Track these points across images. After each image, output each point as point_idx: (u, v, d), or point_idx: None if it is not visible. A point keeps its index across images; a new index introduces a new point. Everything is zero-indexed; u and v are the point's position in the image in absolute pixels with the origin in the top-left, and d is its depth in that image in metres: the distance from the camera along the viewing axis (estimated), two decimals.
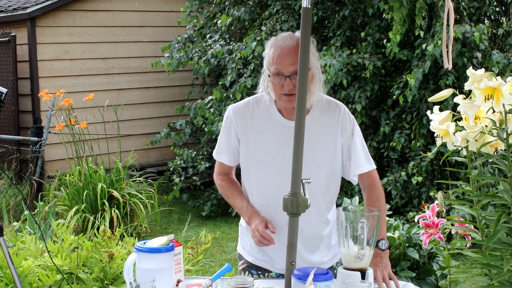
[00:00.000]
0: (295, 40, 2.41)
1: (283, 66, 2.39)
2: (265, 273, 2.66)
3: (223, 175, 2.71)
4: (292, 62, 2.37)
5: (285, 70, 2.39)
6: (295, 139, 2.16)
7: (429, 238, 3.22)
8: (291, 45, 2.40)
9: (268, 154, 2.53)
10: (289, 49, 2.40)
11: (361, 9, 7.32)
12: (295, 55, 2.31)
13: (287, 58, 2.39)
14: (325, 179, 2.57)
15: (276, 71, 2.41)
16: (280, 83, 2.41)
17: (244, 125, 2.56)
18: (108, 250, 3.54)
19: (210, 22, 8.48)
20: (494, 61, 6.30)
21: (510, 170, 2.38)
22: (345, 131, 2.55)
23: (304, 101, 2.16)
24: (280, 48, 2.41)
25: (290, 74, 2.38)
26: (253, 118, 2.56)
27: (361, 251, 2.10)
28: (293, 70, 2.36)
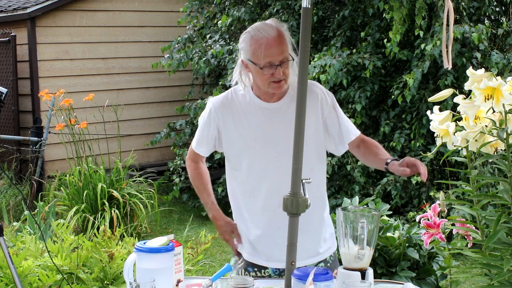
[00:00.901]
0: (275, 28, 2.49)
1: (273, 56, 2.46)
2: (261, 269, 2.67)
3: (196, 163, 2.85)
4: (280, 51, 2.47)
5: (275, 60, 2.47)
6: (295, 139, 2.16)
7: (430, 238, 3.22)
8: (274, 35, 2.47)
9: (255, 139, 2.59)
10: (274, 40, 2.47)
11: (361, 9, 7.32)
12: (280, 44, 2.47)
13: (274, 48, 2.46)
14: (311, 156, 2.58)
15: (267, 63, 2.47)
16: (270, 73, 2.49)
17: (225, 117, 2.62)
18: (108, 250, 3.54)
19: (210, 22, 8.48)
20: (494, 62, 6.30)
21: (510, 170, 2.38)
22: (326, 105, 2.62)
23: (304, 101, 2.16)
24: (265, 40, 2.46)
25: (280, 62, 2.47)
26: (233, 108, 2.62)
27: (361, 251, 2.10)
28: (282, 58, 2.47)
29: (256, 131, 2.59)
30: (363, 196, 6.23)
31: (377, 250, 4.10)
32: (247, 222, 2.69)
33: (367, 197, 5.35)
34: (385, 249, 4.16)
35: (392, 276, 4.01)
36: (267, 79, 2.50)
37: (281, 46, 2.46)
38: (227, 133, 2.63)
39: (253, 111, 2.60)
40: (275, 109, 2.59)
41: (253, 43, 2.49)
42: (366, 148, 2.68)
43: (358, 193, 6.48)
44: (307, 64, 2.15)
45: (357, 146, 2.71)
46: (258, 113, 2.59)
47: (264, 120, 2.58)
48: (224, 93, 2.72)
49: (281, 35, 2.48)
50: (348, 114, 7.01)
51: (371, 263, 2.15)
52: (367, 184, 6.74)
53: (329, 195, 6.77)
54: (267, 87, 2.54)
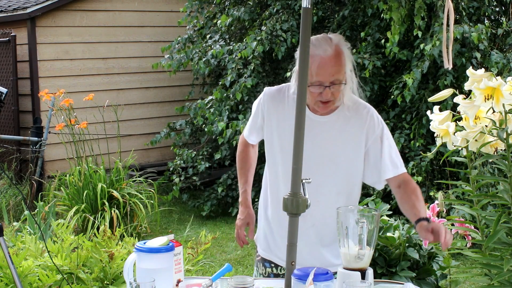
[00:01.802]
0: (334, 47, 2.39)
1: (324, 76, 2.38)
2: (278, 266, 2.69)
3: (245, 146, 2.80)
4: (333, 72, 2.37)
5: (326, 80, 2.38)
6: (295, 139, 2.16)
7: None
8: (331, 54, 2.37)
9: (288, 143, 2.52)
10: (330, 59, 2.37)
11: (361, 9, 7.32)
12: (335, 64, 2.36)
13: (327, 68, 2.37)
14: (341, 178, 2.54)
15: (316, 81, 2.39)
16: (318, 91, 2.40)
17: (272, 110, 2.57)
18: (108, 250, 3.54)
19: (210, 22, 8.48)
20: (493, 61, 6.30)
21: (510, 170, 2.38)
22: (372, 134, 2.50)
23: (304, 101, 2.15)
24: (320, 59, 2.37)
25: (330, 84, 2.38)
26: (281, 104, 2.56)
27: (361, 251, 2.10)
28: (333, 79, 2.37)
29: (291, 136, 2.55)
30: (363, 196, 6.22)
31: (377, 250, 4.10)
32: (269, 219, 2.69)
33: (367, 197, 5.35)
34: (385, 249, 4.16)
35: (392, 276, 4.01)
36: (314, 97, 2.43)
37: (335, 67, 2.36)
38: (269, 126, 2.59)
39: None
40: (319, 122, 2.50)
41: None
42: (405, 193, 2.50)
43: None
44: (307, 64, 2.15)
45: (397, 187, 2.54)
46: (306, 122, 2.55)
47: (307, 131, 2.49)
48: (279, 86, 2.64)
49: (339, 54, 2.38)
50: None
51: (371, 263, 2.15)
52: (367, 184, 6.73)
53: None
54: (313, 104, 2.47)
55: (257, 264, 2.78)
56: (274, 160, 2.61)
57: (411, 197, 2.46)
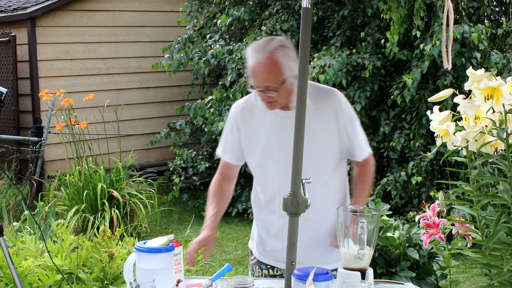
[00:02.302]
0: (267, 53, 2.44)
1: (257, 81, 2.47)
2: (274, 268, 2.70)
3: (221, 176, 2.77)
4: (264, 79, 2.45)
5: (259, 85, 2.47)
6: (295, 140, 2.16)
7: (430, 238, 3.22)
8: (262, 62, 2.45)
9: (270, 146, 2.59)
10: (260, 66, 2.45)
11: (361, 9, 7.32)
12: (265, 73, 2.43)
13: (259, 75, 2.46)
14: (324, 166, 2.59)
15: (252, 84, 2.50)
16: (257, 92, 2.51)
17: (245, 121, 2.63)
18: (108, 250, 3.54)
19: (210, 22, 8.48)
20: (493, 62, 6.30)
21: (510, 170, 2.38)
22: (341, 116, 2.58)
23: (304, 101, 2.16)
24: (254, 63, 2.46)
25: (264, 89, 2.46)
26: (252, 113, 2.62)
27: (361, 251, 2.10)
28: (266, 85, 2.45)
29: (271, 138, 2.58)
30: None
31: (377, 250, 4.10)
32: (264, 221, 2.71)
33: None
34: (385, 249, 4.17)
35: (392, 276, 4.01)
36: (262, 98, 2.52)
37: (265, 74, 2.44)
38: (248, 136, 2.64)
39: (268, 118, 2.59)
40: (290, 117, 2.50)
41: (248, 59, 2.51)
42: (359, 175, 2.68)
43: None
44: (307, 64, 2.15)
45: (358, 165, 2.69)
46: (273, 120, 2.58)
47: (278, 127, 2.56)
48: (246, 96, 2.71)
49: (272, 62, 2.44)
50: None
51: (371, 263, 2.15)
52: None
53: None
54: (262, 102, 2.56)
55: (252, 267, 2.78)
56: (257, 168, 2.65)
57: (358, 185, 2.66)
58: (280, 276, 2.66)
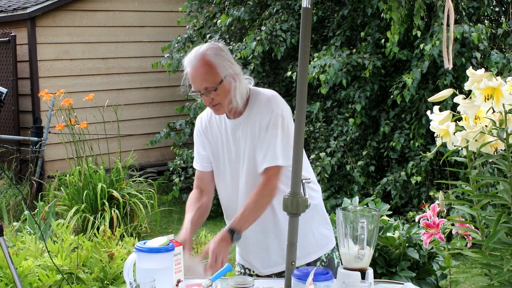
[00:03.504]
0: (199, 59, 2.57)
1: (196, 86, 2.58)
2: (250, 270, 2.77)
3: (196, 189, 2.81)
4: (201, 81, 2.56)
5: (198, 88, 2.57)
6: (295, 140, 2.16)
7: (430, 238, 3.22)
8: (196, 66, 2.57)
9: (222, 153, 2.69)
10: (195, 70, 2.57)
11: (361, 9, 7.32)
12: (202, 74, 2.55)
13: (196, 78, 2.57)
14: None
15: (193, 90, 2.60)
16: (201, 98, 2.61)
17: (206, 132, 2.74)
18: (108, 250, 3.54)
19: (209, 22, 8.48)
20: (493, 61, 6.30)
21: (510, 170, 2.38)
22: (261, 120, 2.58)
23: (304, 101, 2.16)
24: (190, 70, 2.59)
25: (203, 91, 2.56)
26: (211, 124, 2.73)
27: (361, 251, 2.10)
28: (204, 87, 2.56)
29: (227, 147, 2.67)
30: (363, 196, 6.23)
31: (377, 250, 4.11)
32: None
33: (367, 197, 5.35)
34: (385, 249, 4.17)
35: (392, 276, 4.01)
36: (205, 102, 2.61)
37: (203, 75, 2.55)
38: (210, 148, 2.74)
39: (222, 128, 2.69)
40: (237, 125, 2.64)
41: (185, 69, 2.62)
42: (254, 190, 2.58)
43: (357, 193, 6.48)
44: (307, 64, 2.15)
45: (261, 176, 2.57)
46: (228, 129, 2.67)
47: (231, 136, 2.66)
48: (206, 109, 2.80)
49: (206, 64, 2.55)
50: (347, 114, 7.02)
51: (371, 263, 2.15)
52: (366, 184, 6.74)
53: (329, 195, 6.76)
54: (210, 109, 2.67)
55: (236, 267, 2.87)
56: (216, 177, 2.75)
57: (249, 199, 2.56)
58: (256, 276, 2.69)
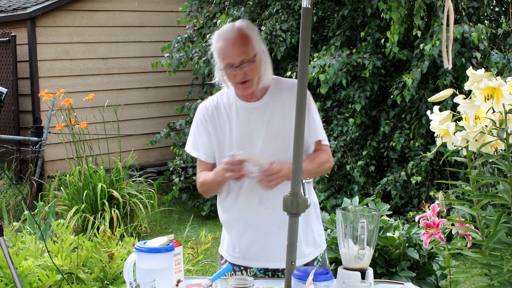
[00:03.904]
0: (236, 31, 2.53)
1: (231, 58, 2.51)
2: (247, 269, 2.71)
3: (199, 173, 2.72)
4: (239, 53, 2.50)
5: (234, 61, 2.51)
6: (295, 139, 2.16)
7: (430, 238, 3.22)
8: (234, 37, 2.52)
9: (238, 139, 2.62)
10: (232, 42, 2.51)
11: (361, 9, 7.32)
12: (240, 45, 2.51)
13: (233, 50, 2.51)
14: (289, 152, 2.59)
15: (226, 64, 2.53)
16: (232, 74, 2.53)
17: (212, 120, 2.66)
18: (108, 250, 3.54)
19: (209, 22, 8.48)
20: (493, 61, 6.30)
21: (510, 170, 2.38)
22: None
23: (304, 101, 2.16)
24: (224, 42, 2.52)
25: (239, 64, 2.51)
26: (218, 111, 2.66)
27: (361, 251, 2.10)
28: (241, 60, 2.50)
29: (237, 131, 2.62)
30: (363, 196, 6.23)
31: (377, 250, 4.11)
32: (229, 222, 2.73)
33: (367, 197, 5.35)
34: (385, 249, 4.17)
35: (392, 276, 4.01)
36: (233, 80, 2.55)
37: (240, 47, 2.50)
38: (215, 135, 2.66)
39: (234, 112, 2.64)
40: (255, 108, 2.61)
41: (216, 44, 2.55)
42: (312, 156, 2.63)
43: (358, 193, 6.48)
44: (307, 64, 2.15)
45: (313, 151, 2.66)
46: (239, 113, 2.63)
47: (244, 120, 2.61)
48: (211, 97, 2.75)
49: (243, 36, 2.52)
50: (347, 114, 7.02)
51: (371, 263, 2.15)
52: (366, 184, 6.74)
53: (329, 195, 6.76)
54: (236, 88, 2.60)
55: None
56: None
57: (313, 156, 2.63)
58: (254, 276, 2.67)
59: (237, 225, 2.68)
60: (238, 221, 2.67)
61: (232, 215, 2.69)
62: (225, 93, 2.69)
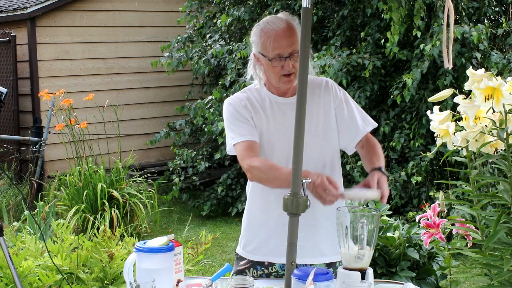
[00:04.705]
0: (285, 21, 2.52)
1: (282, 48, 2.48)
2: (269, 267, 2.66)
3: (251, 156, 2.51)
4: (290, 43, 2.48)
5: (284, 51, 2.48)
6: (295, 140, 2.16)
7: (430, 238, 3.22)
8: (283, 27, 2.50)
9: (273, 133, 2.59)
10: (283, 32, 2.49)
11: (361, 9, 7.32)
12: (290, 36, 2.48)
13: (283, 40, 2.48)
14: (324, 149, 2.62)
15: (275, 55, 2.49)
16: (280, 65, 2.50)
17: (248, 110, 2.60)
18: (108, 250, 3.54)
19: (209, 22, 8.49)
20: (493, 62, 6.30)
21: (510, 170, 2.38)
22: (335, 98, 2.64)
23: (304, 101, 2.16)
24: (274, 32, 2.49)
25: (289, 54, 2.49)
26: (251, 104, 2.62)
27: (361, 251, 2.10)
28: (291, 50, 2.48)
29: (274, 125, 2.59)
30: None
31: (377, 250, 4.10)
32: (258, 217, 2.67)
33: None
34: (385, 249, 4.17)
35: (392, 276, 4.01)
36: (277, 73, 2.52)
37: (290, 38, 2.48)
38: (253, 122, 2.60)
39: (269, 106, 2.61)
40: (290, 103, 2.56)
41: (263, 35, 2.51)
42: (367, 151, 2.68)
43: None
44: (307, 64, 2.15)
45: (362, 147, 2.70)
46: (274, 108, 2.60)
47: (280, 115, 2.59)
48: (238, 92, 2.69)
49: (291, 27, 2.51)
50: None
51: (371, 263, 2.15)
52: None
53: None
54: (278, 82, 2.55)
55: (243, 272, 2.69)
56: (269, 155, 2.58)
57: (370, 153, 2.65)
58: (276, 273, 2.64)
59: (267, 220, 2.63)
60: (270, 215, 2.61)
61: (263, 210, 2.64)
62: (254, 89, 2.64)
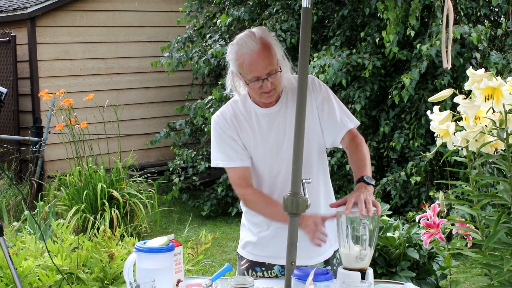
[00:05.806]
0: (258, 41, 2.45)
1: (258, 71, 2.44)
2: (268, 269, 2.67)
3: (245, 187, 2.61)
4: (266, 64, 2.44)
5: (261, 73, 2.46)
6: (295, 140, 2.16)
7: (430, 238, 3.22)
8: (258, 49, 2.43)
9: (261, 145, 2.60)
10: (258, 54, 2.43)
11: (361, 9, 7.32)
12: (265, 57, 2.43)
13: (259, 62, 2.44)
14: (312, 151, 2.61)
15: (253, 77, 2.46)
16: (258, 86, 2.48)
17: (232, 127, 2.60)
18: (108, 250, 3.54)
19: (209, 22, 8.49)
20: (492, 62, 6.30)
21: (510, 170, 2.38)
22: (317, 96, 2.60)
23: (304, 101, 2.16)
24: (249, 56, 2.43)
25: (267, 76, 2.46)
26: (238, 119, 2.61)
27: (364, 251, 2.10)
28: (268, 71, 2.45)
29: (260, 137, 2.59)
30: None
31: (377, 250, 4.11)
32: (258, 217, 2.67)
33: None
34: (385, 249, 4.17)
35: (392, 276, 4.01)
36: (257, 91, 2.50)
37: (266, 59, 2.43)
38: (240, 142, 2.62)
39: (254, 119, 2.60)
40: (274, 113, 2.58)
41: (238, 57, 2.46)
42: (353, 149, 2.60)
43: None
44: (307, 64, 2.15)
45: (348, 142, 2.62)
46: (259, 120, 2.60)
47: (266, 126, 2.59)
48: (223, 106, 2.68)
49: (266, 46, 2.45)
50: None
51: (371, 263, 2.15)
52: None
53: None
54: (259, 98, 2.55)
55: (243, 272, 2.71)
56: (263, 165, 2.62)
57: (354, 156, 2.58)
58: (275, 277, 2.65)
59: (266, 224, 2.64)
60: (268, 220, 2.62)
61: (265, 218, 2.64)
62: (239, 101, 2.62)
